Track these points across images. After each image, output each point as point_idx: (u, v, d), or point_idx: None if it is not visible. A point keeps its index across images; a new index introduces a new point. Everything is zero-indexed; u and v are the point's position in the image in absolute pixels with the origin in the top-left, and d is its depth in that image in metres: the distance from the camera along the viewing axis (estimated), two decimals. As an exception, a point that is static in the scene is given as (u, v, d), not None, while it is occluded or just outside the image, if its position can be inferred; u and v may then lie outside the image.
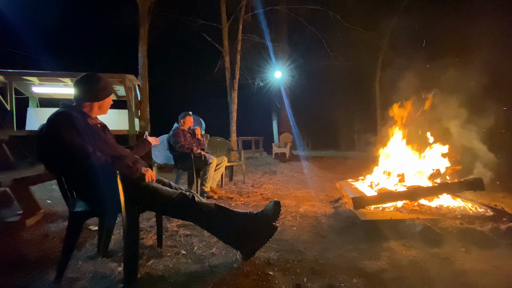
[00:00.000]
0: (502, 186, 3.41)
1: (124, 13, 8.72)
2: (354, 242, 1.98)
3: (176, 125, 3.73)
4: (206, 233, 1.99)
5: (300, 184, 4.46)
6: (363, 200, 2.45)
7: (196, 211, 1.55)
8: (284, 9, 10.16)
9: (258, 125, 14.74)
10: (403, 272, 1.53)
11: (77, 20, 12.65)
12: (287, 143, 9.97)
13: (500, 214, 2.18)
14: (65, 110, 1.53)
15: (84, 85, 1.63)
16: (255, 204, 3.14)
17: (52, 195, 3.64)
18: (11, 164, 2.66)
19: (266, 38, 10.37)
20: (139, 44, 7.78)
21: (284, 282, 1.45)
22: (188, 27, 10.16)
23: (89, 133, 1.51)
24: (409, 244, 1.90)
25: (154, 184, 1.60)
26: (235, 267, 1.61)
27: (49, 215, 2.71)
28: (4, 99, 5.80)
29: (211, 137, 5.06)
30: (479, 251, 1.78)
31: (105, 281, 1.49)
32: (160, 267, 1.62)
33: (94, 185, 1.44)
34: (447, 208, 2.40)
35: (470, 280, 1.45)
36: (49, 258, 1.76)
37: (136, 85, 7.18)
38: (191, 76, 14.99)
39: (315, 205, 3.03)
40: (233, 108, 9.66)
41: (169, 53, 14.20)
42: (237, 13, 9.52)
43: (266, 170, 6.43)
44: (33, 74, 5.83)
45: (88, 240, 2.06)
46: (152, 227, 2.33)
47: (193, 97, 15.62)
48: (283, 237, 2.09)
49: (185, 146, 3.48)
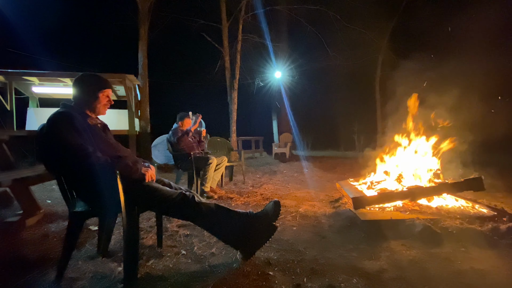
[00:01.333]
0: (502, 186, 3.42)
1: (124, 13, 8.74)
2: (354, 242, 1.98)
3: (176, 125, 3.74)
4: (206, 233, 1.99)
5: (300, 184, 4.46)
6: (363, 200, 2.45)
7: (196, 211, 1.55)
8: (284, 9, 10.16)
9: (258, 125, 14.77)
10: (403, 272, 1.53)
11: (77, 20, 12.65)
12: (287, 143, 9.97)
13: (500, 214, 2.18)
14: (65, 110, 1.53)
15: (79, 84, 1.64)
16: (255, 204, 3.14)
17: (52, 195, 3.64)
18: (11, 164, 2.66)
19: (266, 38, 10.39)
20: (139, 44, 7.78)
21: (284, 282, 1.45)
22: (188, 27, 10.18)
23: (89, 133, 1.51)
24: (409, 244, 1.90)
25: (154, 184, 1.60)
26: (235, 267, 1.61)
27: (49, 215, 2.71)
28: (4, 99, 5.80)
29: (211, 137, 5.07)
30: (479, 251, 1.78)
31: (105, 281, 1.49)
32: (160, 267, 1.62)
33: (94, 185, 1.44)
34: (447, 208, 2.40)
35: (470, 280, 1.45)
36: (49, 258, 1.76)
37: (136, 85, 7.18)
38: (191, 76, 14.99)
39: (315, 205, 3.03)
40: (233, 108, 9.66)
41: (169, 53, 14.23)
42: (237, 13, 9.53)
43: (266, 170, 6.43)
44: (33, 74, 5.82)
45: (88, 240, 2.06)
46: (152, 227, 2.33)
47: (193, 97, 15.65)
48: (283, 237, 2.09)
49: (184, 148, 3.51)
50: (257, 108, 14.84)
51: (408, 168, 2.98)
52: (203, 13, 9.87)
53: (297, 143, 12.39)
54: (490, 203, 2.48)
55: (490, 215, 2.20)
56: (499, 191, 3.38)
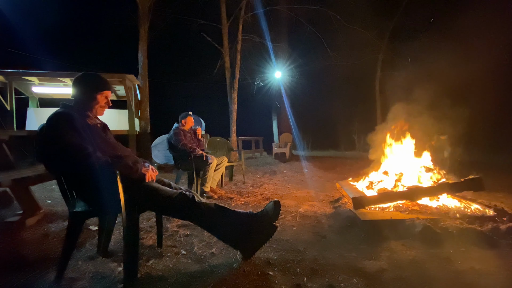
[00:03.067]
0: (502, 186, 3.42)
1: (124, 13, 8.73)
2: (354, 242, 1.98)
3: (176, 124, 3.72)
4: (206, 233, 1.99)
5: (300, 184, 4.46)
6: (363, 200, 2.45)
7: (196, 211, 1.55)
8: (284, 9, 10.16)
9: (258, 125, 14.77)
10: (403, 272, 1.53)
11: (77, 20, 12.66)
12: (287, 143, 9.97)
13: (500, 214, 2.18)
14: (64, 110, 1.53)
15: (78, 84, 1.63)
16: (255, 204, 3.14)
17: (52, 195, 3.64)
18: (11, 164, 2.66)
19: (266, 38, 10.39)
20: (139, 44, 7.78)
21: (284, 282, 1.45)
22: (188, 27, 10.18)
23: (88, 133, 1.51)
24: (409, 244, 1.90)
25: (154, 184, 1.60)
26: (235, 267, 1.61)
27: (49, 215, 2.71)
28: (4, 99, 5.81)
29: (211, 137, 5.07)
30: (479, 251, 1.78)
31: (105, 281, 1.49)
32: (160, 267, 1.62)
33: (94, 185, 1.44)
34: (447, 208, 2.40)
35: (470, 280, 1.45)
36: (49, 258, 1.76)
37: (136, 85, 7.19)
38: (191, 76, 15.03)
39: (315, 205, 3.03)
40: (233, 108, 9.66)
41: (169, 53, 14.24)
42: (237, 13, 9.53)
43: (266, 170, 6.43)
44: (33, 74, 5.83)
45: (88, 240, 2.06)
46: (152, 227, 2.33)
47: (193, 97, 15.65)
48: (283, 237, 2.09)
49: (188, 145, 3.48)
50: (257, 108, 14.86)
51: (408, 168, 2.98)
52: (203, 13, 9.89)
53: (297, 143, 12.39)
54: (490, 203, 2.48)
55: (490, 215, 2.20)
56: (499, 191, 3.38)
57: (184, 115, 3.74)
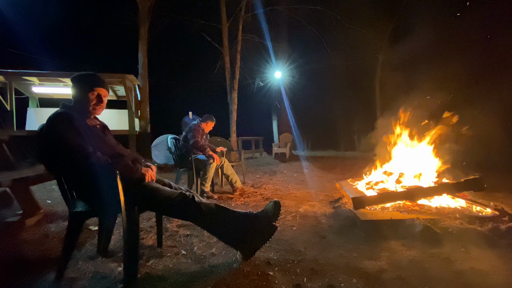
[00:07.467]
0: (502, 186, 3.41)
1: (124, 13, 8.73)
2: (354, 242, 1.98)
3: (198, 121, 3.74)
4: (206, 233, 1.99)
5: (300, 184, 4.46)
6: (363, 200, 2.45)
7: (196, 211, 1.55)
8: (284, 9, 10.16)
9: (258, 125, 14.76)
10: (403, 272, 1.53)
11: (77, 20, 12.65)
12: (287, 143, 9.97)
13: (500, 214, 2.18)
14: (64, 110, 1.53)
15: (73, 85, 1.64)
16: (255, 204, 3.14)
17: (52, 195, 3.64)
18: (11, 164, 2.66)
19: (266, 38, 10.39)
20: (139, 44, 7.78)
21: (284, 282, 1.45)
22: (188, 27, 10.17)
23: (88, 133, 1.51)
24: (409, 244, 1.90)
25: (154, 184, 1.59)
26: (235, 267, 1.61)
27: (49, 215, 2.71)
28: (4, 99, 5.81)
29: (211, 137, 5.07)
30: (479, 251, 1.78)
31: (105, 281, 1.49)
32: (160, 267, 1.62)
33: (94, 185, 1.44)
34: (447, 208, 2.40)
35: (470, 280, 1.45)
36: (49, 258, 1.76)
37: (136, 85, 7.19)
38: (191, 76, 15.02)
39: (315, 205, 3.03)
40: (233, 108, 9.65)
41: (169, 53, 14.23)
42: (237, 13, 9.52)
43: (266, 170, 6.43)
44: (33, 74, 5.83)
45: (88, 240, 2.06)
46: (152, 227, 2.33)
47: (193, 97, 15.64)
48: (283, 237, 2.09)
49: (199, 144, 3.50)
50: (257, 108, 14.85)
51: (408, 168, 2.98)
52: (203, 13, 9.88)
53: (297, 143, 12.38)
54: (490, 203, 2.48)
55: (490, 215, 2.20)
56: (499, 191, 3.38)
57: (210, 117, 3.78)
